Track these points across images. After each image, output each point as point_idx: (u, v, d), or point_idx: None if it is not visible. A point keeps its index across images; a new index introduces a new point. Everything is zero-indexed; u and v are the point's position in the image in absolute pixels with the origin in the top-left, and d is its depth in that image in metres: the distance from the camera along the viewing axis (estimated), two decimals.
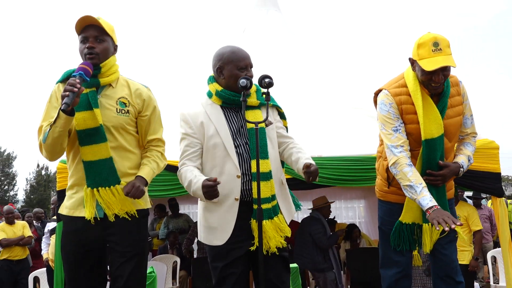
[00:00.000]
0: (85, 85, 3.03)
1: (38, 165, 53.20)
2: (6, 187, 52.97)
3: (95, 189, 3.07)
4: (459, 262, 5.85)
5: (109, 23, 3.22)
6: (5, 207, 8.54)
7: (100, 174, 3.07)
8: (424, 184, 3.38)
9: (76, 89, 2.81)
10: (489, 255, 7.33)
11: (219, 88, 3.45)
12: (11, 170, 53.40)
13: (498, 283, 6.73)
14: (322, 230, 6.24)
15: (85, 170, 3.09)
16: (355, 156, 5.66)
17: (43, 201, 48.65)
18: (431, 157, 3.55)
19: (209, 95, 3.56)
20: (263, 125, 3.37)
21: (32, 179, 52.21)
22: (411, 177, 3.35)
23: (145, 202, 3.29)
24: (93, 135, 3.06)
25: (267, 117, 3.34)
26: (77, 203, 3.14)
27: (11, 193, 53.04)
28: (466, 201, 8.10)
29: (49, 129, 2.94)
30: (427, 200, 3.26)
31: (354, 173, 5.62)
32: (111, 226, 3.11)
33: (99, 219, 3.08)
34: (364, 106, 6.38)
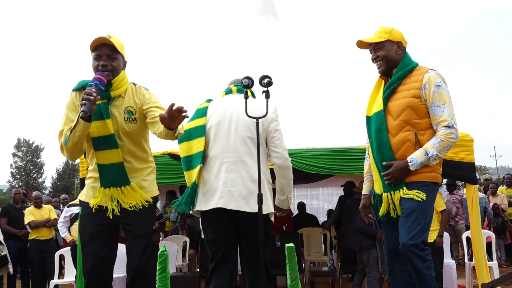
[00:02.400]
0: (100, 95, 3.04)
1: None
2: (35, 175, 53.12)
3: (107, 189, 3.15)
4: (429, 241, 5.93)
5: (120, 41, 3.22)
6: (34, 193, 8.56)
7: (111, 176, 3.15)
8: (366, 177, 3.88)
9: (92, 98, 2.86)
10: (464, 235, 7.35)
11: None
12: (39, 160, 53.55)
13: (471, 261, 6.74)
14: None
15: (99, 172, 3.16)
16: (346, 147, 5.66)
17: (67, 187, 48.84)
18: (368, 131, 3.65)
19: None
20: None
21: (60, 168, 52.38)
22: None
23: (152, 192, 3.35)
24: (106, 141, 3.12)
25: (266, 112, 3.33)
26: (93, 192, 3.22)
27: (39, 180, 53.21)
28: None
29: (70, 134, 2.99)
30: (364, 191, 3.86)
31: (344, 163, 5.63)
32: (124, 211, 3.18)
33: (115, 212, 3.16)
34: (354, 103, 6.38)
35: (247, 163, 3.30)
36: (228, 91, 3.66)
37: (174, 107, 2.72)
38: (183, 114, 2.77)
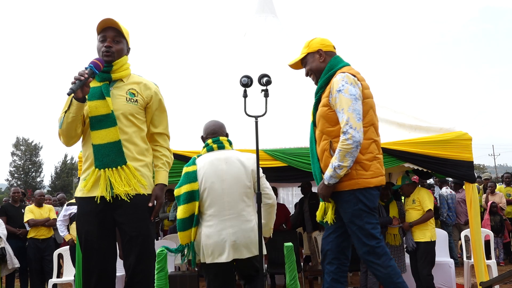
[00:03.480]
0: (99, 79, 3.11)
1: (65, 156, 53.36)
2: (34, 174, 53.09)
3: (102, 170, 3.05)
4: (420, 240, 5.97)
5: (126, 28, 3.28)
6: (37, 191, 8.58)
7: (108, 155, 3.06)
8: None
9: (83, 78, 2.88)
10: (462, 234, 7.36)
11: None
12: (38, 159, 53.51)
13: (470, 259, 6.75)
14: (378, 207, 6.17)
15: (93, 153, 3.09)
16: None
17: (66, 186, 48.82)
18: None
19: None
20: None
21: (59, 167, 52.38)
22: None
23: (149, 188, 3.24)
24: (103, 120, 3.07)
25: (265, 111, 3.34)
26: (89, 185, 3.12)
27: (38, 179, 53.19)
28: (424, 186, 8.13)
29: (64, 115, 3.01)
30: None
31: None
32: (119, 207, 3.09)
33: (109, 199, 3.05)
34: None
35: (245, 216, 3.48)
36: (210, 149, 3.68)
37: None
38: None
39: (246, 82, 3.37)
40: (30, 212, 7.79)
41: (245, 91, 3.35)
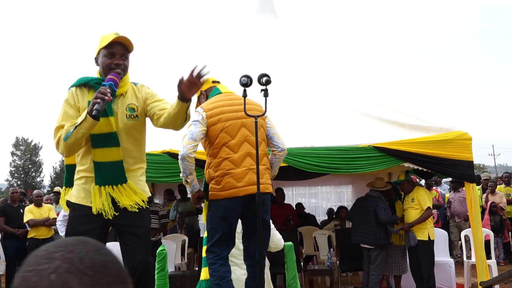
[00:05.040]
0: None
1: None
2: (34, 174, 53.04)
3: (102, 187, 3.05)
4: (419, 238, 5.97)
5: (129, 39, 3.17)
6: (35, 191, 8.56)
7: (109, 174, 3.06)
8: None
9: (106, 98, 2.80)
10: (462, 234, 7.36)
11: None
12: (37, 158, 53.46)
13: (470, 259, 6.76)
14: (385, 206, 6.17)
15: (94, 170, 3.07)
16: (344, 146, 5.67)
17: None
18: None
19: None
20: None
21: (58, 167, 52.29)
22: None
23: (146, 192, 3.25)
24: (107, 139, 3.05)
25: (265, 110, 3.34)
26: (85, 193, 3.11)
27: (38, 179, 53.12)
28: (422, 185, 8.14)
29: (73, 129, 2.90)
30: None
31: (342, 161, 5.64)
32: (119, 212, 3.08)
33: (110, 215, 3.05)
34: (350, 101, 6.38)
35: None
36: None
37: (195, 73, 2.76)
38: (201, 79, 2.85)
39: (246, 82, 3.36)
40: (30, 213, 7.79)
41: (244, 91, 3.35)
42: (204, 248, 3.64)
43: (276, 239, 3.91)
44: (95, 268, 0.81)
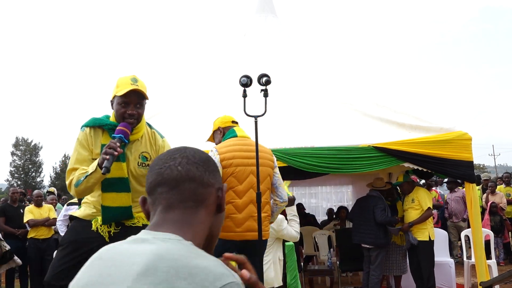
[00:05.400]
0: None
1: (64, 155, 53.31)
2: (33, 174, 53.06)
3: (107, 225, 3.06)
4: (419, 239, 5.98)
5: (145, 86, 3.08)
6: (35, 191, 8.56)
7: (115, 217, 3.05)
8: None
9: (116, 153, 2.76)
10: (462, 234, 7.36)
11: None
12: (37, 159, 53.48)
13: (470, 259, 6.76)
14: (383, 207, 6.17)
15: (102, 212, 3.04)
16: (344, 146, 5.67)
17: (66, 186, 48.69)
18: None
19: None
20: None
21: (58, 167, 52.32)
22: None
23: None
24: (117, 184, 3.02)
25: (265, 111, 3.34)
26: (93, 214, 3.11)
27: (38, 179, 53.14)
28: (421, 186, 8.16)
29: (83, 178, 2.88)
30: None
31: (342, 162, 5.64)
32: (119, 232, 3.09)
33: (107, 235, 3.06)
34: (350, 101, 6.38)
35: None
36: None
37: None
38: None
39: (246, 82, 3.37)
40: (30, 213, 7.79)
41: (244, 91, 3.36)
42: None
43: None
44: (203, 160, 1.23)
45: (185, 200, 1.18)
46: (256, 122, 3.27)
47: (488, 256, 6.75)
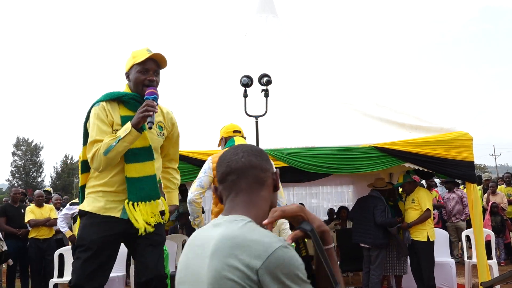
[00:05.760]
0: (133, 108, 3.07)
1: (66, 155, 53.35)
2: (34, 174, 53.08)
3: (135, 203, 3.02)
4: (417, 239, 5.97)
5: (166, 58, 3.19)
6: (36, 191, 8.57)
7: (142, 189, 3.04)
8: None
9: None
10: (463, 234, 7.35)
11: None
12: (38, 159, 53.51)
13: (471, 259, 6.75)
14: (383, 208, 6.17)
15: (127, 185, 3.03)
16: (344, 146, 5.66)
17: (66, 186, 48.81)
18: None
19: None
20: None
21: (59, 167, 52.34)
22: None
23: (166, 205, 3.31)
24: (139, 154, 3.05)
25: (266, 111, 3.34)
26: (105, 205, 3.06)
27: (39, 179, 53.17)
28: (423, 186, 8.15)
29: (115, 143, 2.89)
30: None
31: (343, 162, 5.63)
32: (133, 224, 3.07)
33: (141, 233, 3.04)
34: (351, 101, 6.38)
35: None
36: None
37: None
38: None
39: (246, 82, 3.38)
40: (31, 213, 7.80)
41: (245, 91, 3.37)
42: None
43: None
44: (259, 151, 1.57)
45: (250, 184, 1.50)
46: (257, 122, 3.29)
47: (489, 256, 6.74)
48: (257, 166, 1.52)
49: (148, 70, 3.09)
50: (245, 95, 3.35)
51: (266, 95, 3.34)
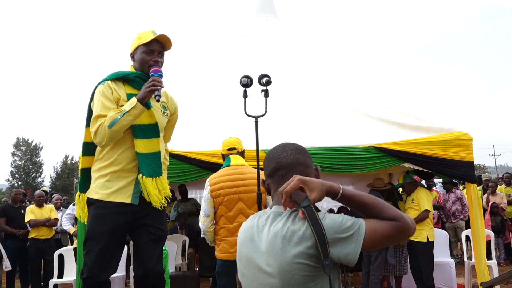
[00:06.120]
0: (138, 87, 3.13)
1: (65, 156, 53.33)
2: (34, 174, 53.08)
3: (149, 178, 3.06)
4: (416, 240, 5.96)
5: (171, 40, 3.26)
6: (37, 192, 8.56)
7: (150, 165, 3.09)
8: None
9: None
10: (463, 234, 7.35)
11: None
12: (38, 159, 53.49)
13: (470, 259, 6.75)
14: None
15: (139, 161, 3.08)
16: (344, 146, 5.66)
17: (66, 187, 48.81)
18: None
19: None
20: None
21: (59, 167, 52.33)
22: None
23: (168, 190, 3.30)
24: (146, 130, 3.10)
25: (265, 111, 3.34)
26: (114, 190, 3.08)
27: (38, 179, 53.16)
28: (424, 186, 8.15)
29: (120, 116, 2.94)
30: None
31: (342, 162, 5.63)
32: (142, 211, 3.11)
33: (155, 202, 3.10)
34: (351, 101, 6.38)
35: None
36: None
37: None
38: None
39: (246, 82, 3.38)
40: (31, 213, 7.79)
41: (245, 91, 3.37)
42: None
43: None
44: (303, 150, 1.75)
45: None
46: (256, 123, 3.28)
47: (489, 257, 6.74)
48: (303, 163, 1.71)
49: (153, 51, 3.17)
50: (245, 95, 3.35)
51: (266, 96, 3.34)
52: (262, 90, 3.36)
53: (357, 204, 1.64)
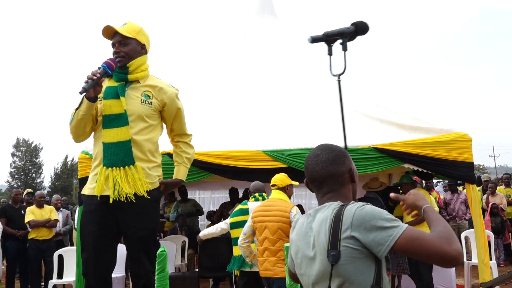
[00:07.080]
0: (116, 78, 3.20)
1: (65, 157, 53.30)
2: (34, 175, 53.02)
3: (109, 168, 3.07)
4: None
5: (132, 27, 3.28)
6: (37, 192, 8.55)
7: (117, 154, 3.08)
8: None
9: (95, 78, 2.97)
10: (462, 235, 7.36)
11: None
12: (38, 160, 53.44)
13: (470, 260, 6.75)
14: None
15: (103, 151, 3.11)
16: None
17: (66, 188, 48.78)
18: None
19: None
20: None
21: (59, 168, 52.28)
22: None
23: (153, 183, 3.22)
24: (116, 119, 3.11)
25: (345, 69, 3.20)
26: (99, 183, 3.11)
27: (38, 180, 53.10)
28: (422, 186, 8.14)
29: (74, 113, 3.09)
30: None
31: None
32: (122, 211, 3.10)
33: (113, 199, 3.05)
34: (351, 102, 6.38)
35: None
36: (256, 199, 5.12)
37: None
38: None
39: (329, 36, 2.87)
40: (31, 213, 7.78)
41: (330, 49, 2.93)
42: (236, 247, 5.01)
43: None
44: (335, 158, 1.84)
45: (331, 187, 1.82)
46: (339, 81, 2.98)
47: (489, 257, 6.73)
48: (334, 174, 1.82)
49: (114, 44, 3.26)
50: (330, 53, 2.96)
51: (344, 49, 2.95)
52: (341, 43, 2.98)
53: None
